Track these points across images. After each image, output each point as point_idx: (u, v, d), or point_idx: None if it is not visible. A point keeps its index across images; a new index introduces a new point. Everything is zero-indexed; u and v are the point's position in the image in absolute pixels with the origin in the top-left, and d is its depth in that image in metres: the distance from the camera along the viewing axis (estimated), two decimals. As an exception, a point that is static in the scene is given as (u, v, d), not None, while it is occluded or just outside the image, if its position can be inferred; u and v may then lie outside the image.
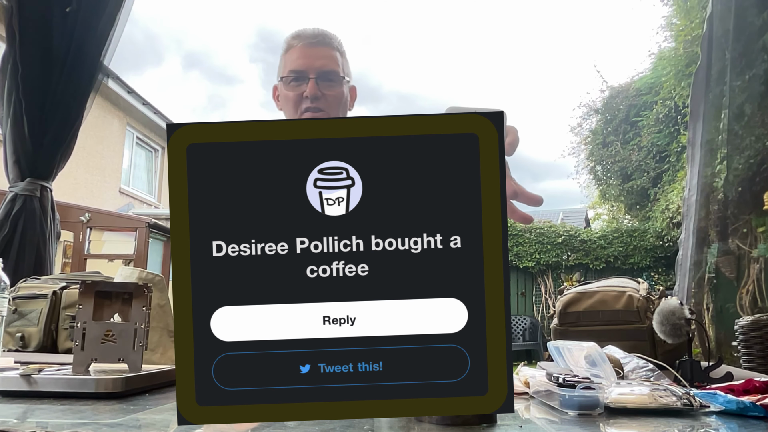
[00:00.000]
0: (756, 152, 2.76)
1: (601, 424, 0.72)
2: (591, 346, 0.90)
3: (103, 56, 2.40)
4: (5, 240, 2.24)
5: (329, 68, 1.37)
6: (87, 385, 0.87)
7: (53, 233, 2.39)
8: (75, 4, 2.32)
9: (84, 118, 2.41)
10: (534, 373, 0.97)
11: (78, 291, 1.00)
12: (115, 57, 2.45)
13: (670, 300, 1.12)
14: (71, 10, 2.31)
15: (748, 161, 2.77)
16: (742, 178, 2.79)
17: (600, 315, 1.29)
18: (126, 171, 11.07)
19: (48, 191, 2.37)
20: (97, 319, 1.00)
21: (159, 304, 1.22)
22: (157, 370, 1.03)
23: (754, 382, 0.85)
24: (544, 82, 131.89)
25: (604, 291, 1.31)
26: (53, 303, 1.30)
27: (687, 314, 1.08)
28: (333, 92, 1.37)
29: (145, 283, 1.05)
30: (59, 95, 2.31)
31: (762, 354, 1.41)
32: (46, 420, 0.72)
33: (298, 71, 1.36)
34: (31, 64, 2.26)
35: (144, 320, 1.01)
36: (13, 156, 2.31)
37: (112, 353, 0.98)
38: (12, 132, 2.27)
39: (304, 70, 1.35)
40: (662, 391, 0.79)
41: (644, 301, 1.26)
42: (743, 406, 0.76)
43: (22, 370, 0.90)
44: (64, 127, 2.34)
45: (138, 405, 0.82)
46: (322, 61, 1.36)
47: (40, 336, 1.28)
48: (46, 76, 2.29)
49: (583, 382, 0.79)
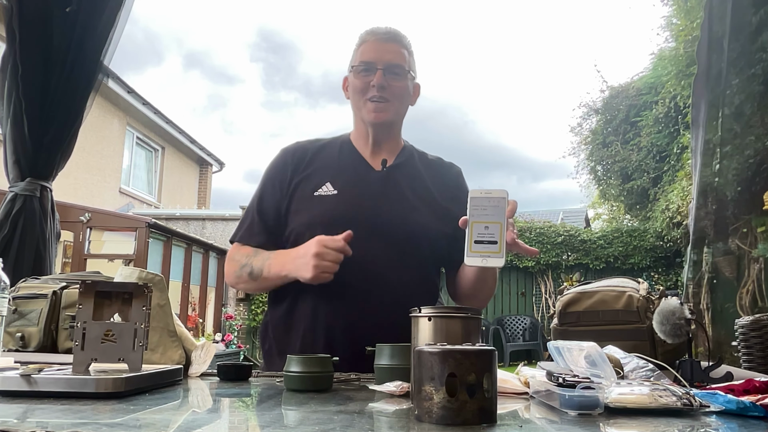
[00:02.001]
0: (756, 152, 2.76)
1: (601, 424, 0.72)
2: (591, 346, 0.90)
3: (103, 56, 2.40)
4: (5, 240, 2.24)
5: (396, 62, 1.46)
6: (87, 385, 0.87)
7: (53, 233, 2.38)
8: (75, 4, 2.31)
9: (84, 118, 2.40)
10: (534, 373, 0.97)
11: (78, 291, 1.00)
12: (115, 57, 2.45)
13: (670, 300, 1.12)
14: (71, 10, 2.31)
15: (748, 161, 2.77)
16: (742, 178, 2.79)
17: (600, 315, 1.29)
18: (126, 171, 11.06)
19: (48, 191, 2.37)
20: (97, 319, 1.00)
21: (159, 304, 1.22)
22: (157, 370, 1.03)
23: (754, 382, 0.85)
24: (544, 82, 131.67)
25: (604, 291, 1.31)
26: (53, 303, 1.30)
27: (687, 314, 1.08)
28: (398, 84, 1.46)
29: (145, 283, 1.05)
30: (59, 95, 2.31)
31: (762, 354, 1.41)
32: (46, 420, 0.72)
33: (368, 62, 1.45)
34: (31, 64, 2.26)
35: (144, 320, 1.01)
36: (13, 156, 2.30)
37: (112, 353, 0.98)
38: (12, 132, 2.27)
39: (374, 62, 1.45)
40: (662, 391, 0.79)
41: (644, 301, 1.26)
42: (743, 406, 0.76)
43: (22, 370, 0.90)
44: (64, 127, 2.34)
45: (138, 405, 0.82)
46: (391, 55, 1.46)
47: (40, 336, 1.28)
48: (46, 76, 2.29)
49: (583, 382, 0.79)
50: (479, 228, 1.06)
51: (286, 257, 1.36)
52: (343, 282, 1.35)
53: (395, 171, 1.49)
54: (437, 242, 1.45)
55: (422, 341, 0.92)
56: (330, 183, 1.45)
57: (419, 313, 0.94)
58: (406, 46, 1.49)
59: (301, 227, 1.42)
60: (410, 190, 1.47)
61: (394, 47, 1.47)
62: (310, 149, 1.53)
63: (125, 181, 11.01)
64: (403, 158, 1.52)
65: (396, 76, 1.45)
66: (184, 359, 1.22)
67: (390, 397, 0.93)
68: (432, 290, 1.49)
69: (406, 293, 1.37)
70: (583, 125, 11.95)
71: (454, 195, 1.52)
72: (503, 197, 1.07)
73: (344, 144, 1.54)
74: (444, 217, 1.45)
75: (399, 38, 1.48)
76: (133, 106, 10.52)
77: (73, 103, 2.35)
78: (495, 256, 1.04)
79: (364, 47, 1.48)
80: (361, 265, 1.36)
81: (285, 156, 1.53)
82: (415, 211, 1.44)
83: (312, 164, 1.50)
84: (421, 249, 1.43)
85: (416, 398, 0.72)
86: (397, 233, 1.40)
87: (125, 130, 10.85)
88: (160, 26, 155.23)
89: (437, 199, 1.49)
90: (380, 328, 1.23)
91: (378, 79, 1.43)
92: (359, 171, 1.48)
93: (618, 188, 10.97)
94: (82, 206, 7.10)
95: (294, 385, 1.02)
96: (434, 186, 1.51)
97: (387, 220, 1.41)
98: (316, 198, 1.44)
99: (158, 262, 7.55)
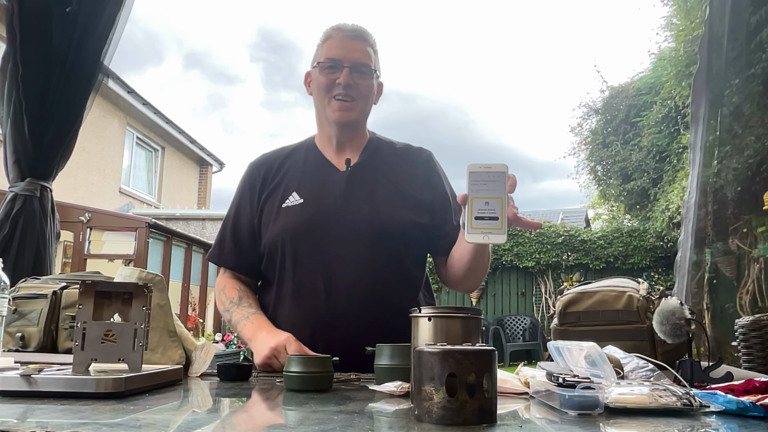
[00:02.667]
0: (756, 152, 2.76)
1: (601, 424, 0.72)
2: (591, 346, 0.90)
3: (103, 56, 2.40)
4: (5, 240, 2.24)
5: (363, 61, 1.45)
6: (87, 385, 0.87)
7: (53, 233, 2.38)
8: (75, 4, 2.31)
9: (84, 118, 2.41)
10: (534, 373, 0.97)
11: (78, 291, 1.00)
12: (116, 57, 2.45)
13: (670, 300, 1.12)
14: (71, 10, 2.31)
15: (748, 161, 2.77)
16: (742, 178, 2.79)
17: (600, 315, 1.29)
18: (126, 171, 11.06)
19: (48, 191, 2.37)
20: (97, 319, 1.00)
21: (159, 304, 1.22)
22: (157, 370, 1.03)
23: (754, 382, 0.85)
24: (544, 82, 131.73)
25: (604, 291, 1.31)
26: (53, 303, 1.30)
27: (687, 314, 1.08)
28: (364, 83, 1.45)
29: (145, 283, 1.05)
30: (59, 95, 2.31)
31: (762, 354, 1.41)
32: (46, 420, 0.72)
33: (334, 59, 1.44)
34: (31, 64, 2.26)
35: (144, 320, 1.01)
36: (13, 156, 2.30)
37: (112, 353, 0.98)
38: (12, 132, 2.27)
39: (340, 59, 1.43)
40: (662, 391, 0.79)
41: (644, 301, 1.26)
42: (743, 406, 0.76)
43: (22, 370, 0.90)
44: (64, 127, 2.34)
45: (138, 405, 0.82)
46: (358, 53, 1.45)
47: (40, 336, 1.28)
48: (46, 76, 2.29)
49: (583, 382, 0.79)
50: (479, 204, 1.01)
51: (255, 332, 1.36)
52: (318, 289, 1.38)
53: (360, 169, 1.48)
54: (410, 234, 1.44)
55: (422, 341, 0.92)
56: (296, 192, 1.45)
57: (419, 313, 0.94)
58: (372, 45, 1.48)
59: (272, 241, 1.44)
60: (377, 186, 1.46)
61: (360, 45, 1.46)
62: (276, 160, 1.54)
63: (125, 181, 11.01)
64: (367, 154, 1.51)
65: (362, 75, 1.44)
66: (184, 359, 1.22)
67: (390, 397, 0.93)
68: (413, 285, 1.48)
69: (384, 291, 1.38)
70: (583, 125, 11.95)
71: (425, 181, 1.51)
72: (503, 171, 1.02)
73: (309, 148, 1.54)
74: (415, 207, 1.45)
75: (365, 36, 1.47)
76: (133, 106, 10.52)
77: (73, 104, 2.35)
78: (497, 233, 1.00)
79: (330, 43, 1.46)
80: (334, 270, 1.38)
81: (252, 171, 1.54)
82: (383, 207, 1.43)
83: (278, 175, 1.51)
84: (394, 244, 1.42)
85: (416, 398, 0.72)
86: (365, 232, 1.40)
87: (125, 130, 10.85)
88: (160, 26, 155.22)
89: (407, 189, 1.47)
90: (365, 329, 1.24)
91: (344, 77, 1.41)
92: (323, 175, 1.48)
93: (618, 188, 10.97)
94: (82, 206, 7.09)
95: (294, 385, 1.02)
96: (403, 176, 1.49)
97: (353, 221, 1.40)
98: (284, 210, 1.44)
99: (158, 263, 7.55)
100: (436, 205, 1.48)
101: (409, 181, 1.49)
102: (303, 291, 1.40)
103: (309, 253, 1.40)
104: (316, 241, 1.40)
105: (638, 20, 34.79)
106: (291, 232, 1.42)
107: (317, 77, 1.47)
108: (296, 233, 1.41)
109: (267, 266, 1.48)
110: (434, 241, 1.49)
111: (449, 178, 1.58)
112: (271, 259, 1.45)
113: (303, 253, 1.41)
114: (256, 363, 1.31)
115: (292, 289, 1.41)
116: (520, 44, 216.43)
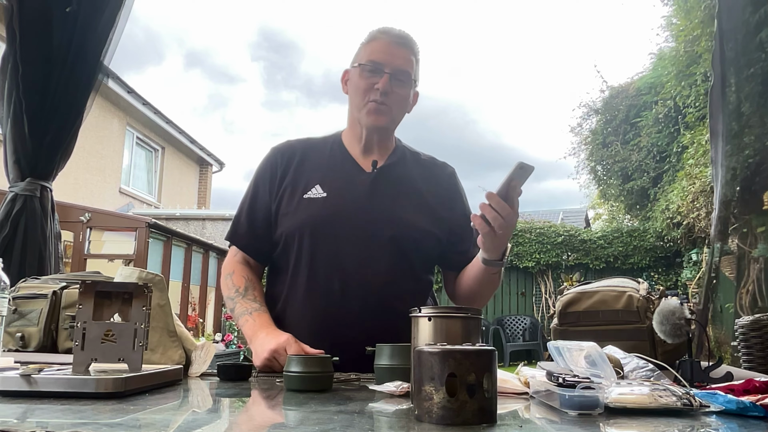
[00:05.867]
0: (756, 152, 2.76)
1: (601, 424, 0.72)
2: (591, 346, 0.90)
3: (103, 56, 2.39)
4: (6, 240, 2.24)
5: (404, 68, 1.44)
6: (87, 385, 0.87)
7: (53, 233, 2.38)
8: (75, 4, 2.31)
9: (84, 118, 2.40)
10: (534, 373, 0.97)
11: (78, 291, 1.00)
12: (116, 56, 2.44)
13: (670, 300, 1.12)
14: (71, 10, 2.31)
15: (748, 161, 2.77)
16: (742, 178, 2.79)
17: (600, 315, 1.29)
18: (126, 171, 11.06)
19: (48, 191, 2.37)
20: (97, 319, 1.00)
21: (159, 304, 1.22)
22: (157, 370, 1.03)
23: (754, 382, 0.85)
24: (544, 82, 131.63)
25: (604, 291, 1.31)
26: (53, 303, 1.30)
27: (687, 314, 1.08)
28: (401, 92, 1.45)
29: (145, 283, 1.05)
30: (59, 95, 2.31)
31: (762, 354, 1.41)
32: (46, 420, 0.72)
33: (376, 63, 1.43)
34: (32, 64, 2.26)
35: (144, 320, 1.01)
36: (13, 156, 2.30)
37: (112, 353, 0.98)
38: (12, 132, 2.27)
39: (382, 64, 1.42)
40: (662, 391, 0.79)
41: (644, 301, 1.26)
42: (743, 406, 0.76)
43: (22, 370, 0.90)
44: (64, 127, 2.34)
45: (138, 405, 0.82)
46: (400, 60, 1.44)
47: (40, 336, 1.28)
48: (46, 76, 2.28)
49: (583, 382, 0.79)
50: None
51: (255, 331, 1.35)
52: (332, 285, 1.37)
53: (385, 172, 1.48)
54: (426, 243, 1.44)
55: (422, 341, 0.92)
56: (320, 185, 1.45)
57: (419, 313, 0.94)
58: (416, 53, 1.48)
59: (290, 231, 1.43)
60: (399, 192, 1.46)
61: (404, 52, 1.45)
62: (300, 149, 1.52)
63: (125, 181, 11.01)
64: (394, 159, 1.51)
65: (401, 83, 1.44)
66: (184, 359, 1.22)
67: (390, 397, 0.93)
68: (424, 290, 1.49)
69: (396, 294, 1.38)
70: (583, 125, 11.94)
71: (448, 197, 1.52)
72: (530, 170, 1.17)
73: (335, 144, 1.53)
74: (435, 219, 1.46)
75: (410, 44, 1.47)
76: (133, 106, 10.52)
77: (73, 103, 2.35)
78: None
79: (375, 45, 1.45)
80: (349, 268, 1.38)
81: (275, 155, 1.52)
82: (403, 212, 1.43)
83: (302, 165, 1.49)
84: (409, 250, 1.42)
85: (416, 398, 0.72)
86: (384, 234, 1.40)
87: (125, 130, 10.85)
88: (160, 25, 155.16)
89: (429, 200, 1.48)
90: (373, 329, 1.23)
91: (383, 84, 1.41)
92: (349, 173, 1.47)
93: (618, 188, 10.96)
94: (82, 206, 7.09)
95: (294, 385, 1.02)
96: (426, 187, 1.50)
97: (373, 222, 1.41)
98: (305, 201, 1.43)
99: (158, 262, 7.55)
100: (455, 221, 1.49)
101: (431, 192, 1.50)
102: (317, 286, 1.39)
103: (326, 248, 1.40)
104: (334, 236, 1.40)
105: (638, 20, 34.80)
106: (311, 224, 1.41)
107: (356, 78, 1.46)
108: (316, 226, 1.40)
109: (281, 255, 1.47)
110: (449, 256, 1.50)
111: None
112: (286, 249, 1.44)
113: (320, 247, 1.40)
114: (255, 365, 1.31)
115: (306, 283, 1.41)
116: (520, 44, 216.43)
